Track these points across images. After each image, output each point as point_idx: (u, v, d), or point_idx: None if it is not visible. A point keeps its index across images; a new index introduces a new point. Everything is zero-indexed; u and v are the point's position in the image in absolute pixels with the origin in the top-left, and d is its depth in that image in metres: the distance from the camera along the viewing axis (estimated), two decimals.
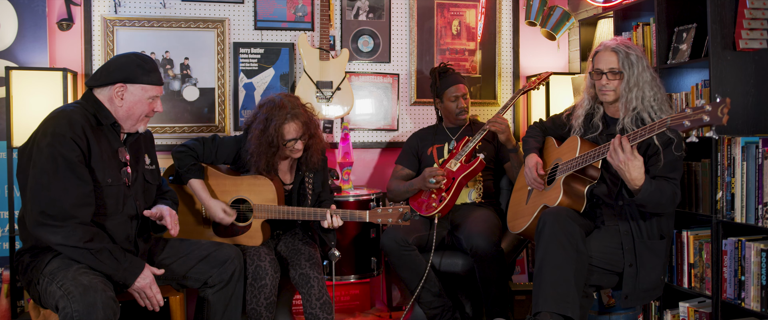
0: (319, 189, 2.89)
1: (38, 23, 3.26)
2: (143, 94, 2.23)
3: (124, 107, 2.22)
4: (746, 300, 2.36)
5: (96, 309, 1.92)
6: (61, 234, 2.02)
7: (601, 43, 2.50)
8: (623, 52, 2.40)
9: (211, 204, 2.67)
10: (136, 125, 2.28)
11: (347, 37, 3.68)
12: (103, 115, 2.20)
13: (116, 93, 2.20)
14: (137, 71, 2.21)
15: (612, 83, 2.42)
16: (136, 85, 2.21)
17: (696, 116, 1.92)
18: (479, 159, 3.00)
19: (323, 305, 2.59)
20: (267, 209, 2.69)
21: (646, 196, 2.20)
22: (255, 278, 2.53)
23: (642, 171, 2.16)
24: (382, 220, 2.63)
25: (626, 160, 2.13)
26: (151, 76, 2.24)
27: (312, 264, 2.63)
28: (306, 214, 2.68)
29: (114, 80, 2.20)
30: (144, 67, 2.23)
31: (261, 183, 2.71)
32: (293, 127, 2.66)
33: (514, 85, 3.91)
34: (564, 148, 2.58)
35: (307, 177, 2.85)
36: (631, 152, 2.13)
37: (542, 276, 2.24)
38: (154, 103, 2.28)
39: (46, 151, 2.05)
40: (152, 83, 2.24)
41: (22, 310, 3.10)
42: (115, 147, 2.23)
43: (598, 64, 2.45)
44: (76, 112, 2.14)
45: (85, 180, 2.08)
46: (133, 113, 2.24)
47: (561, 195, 2.42)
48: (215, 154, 2.78)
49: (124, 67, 2.21)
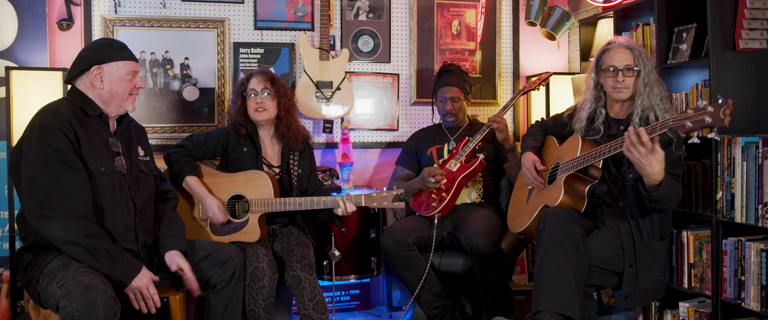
0: (306, 173, 2.92)
1: (38, 23, 3.26)
2: (120, 71, 2.25)
3: (106, 88, 2.23)
4: (746, 300, 2.36)
5: (97, 309, 1.92)
6: (60, 227, 2.02)
7: (609, 42, 2.47)
8: (637, 49, 2.40)
9: (207, 201, 2.70)
10: (122, 104, 2.28)
11: (347, 37, 3.68)
12: (89, 106, 2.22)
13: (95, 76, 2.22)
14: (107, 50, 2.25)
15: (628, 80, 2.39)
16: (110, 64, 2.24)
17: (698, 117, 1.91)
18: (479, 159, 3.00)
19: (316, 305, 2.59)
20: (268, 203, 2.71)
21: (664, 191, 2.15)
22: (253, 279, 2.53)
23: (663, 165, 2.10)
24: (377, 203, 2.68)
25: (648, 154, 2.06)
26: (122, 53, 2.27)
27: (303, 265, 2.64)
28: (312, 204, 2.71)
29: (88, 65, 2.22)
30: (112, 45, 2.28)
31: (256, 178, 2.74)
32: (256, 80, 2.84)
33: (514, 85, 3.91)
34: (565, 148, 2.58)
35: (292, 157, 2.90)
36: (651, 145, 2.05)
37: (542, 276, 2.24)
38: (135, 79, 2.30)
39: (35, 144, 2.06)
40: (125, 58, 2.27)
41: (22, 310, 3.10)
42: (105, 137, 2.24)
43: (611, 62, 2.41)
44: (61, 104, 2.16)
45: (78, 170, 2.08)
46: (117, 93, 2.25)
47: (562, 194, 2.41)
48: (205, 145, 2.83)
49: (94, 50, 2.25)
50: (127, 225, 2.24)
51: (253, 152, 2.85)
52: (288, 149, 2.90)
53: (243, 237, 2.71)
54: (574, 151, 2.46)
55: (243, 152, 2.84)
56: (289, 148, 2.90)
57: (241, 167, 2.81)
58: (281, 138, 2.89)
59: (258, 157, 2.84)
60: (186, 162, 2.73)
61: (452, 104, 3.21)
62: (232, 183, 2.76)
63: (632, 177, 2.34)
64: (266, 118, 2.83)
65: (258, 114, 2.81)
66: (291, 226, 2.92)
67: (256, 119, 2.83)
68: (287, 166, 2.90)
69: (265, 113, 2.82)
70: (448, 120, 3.27)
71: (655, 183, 2.14)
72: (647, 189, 2.18)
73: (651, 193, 2.17)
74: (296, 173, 2.90)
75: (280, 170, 2.89)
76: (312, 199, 2.71)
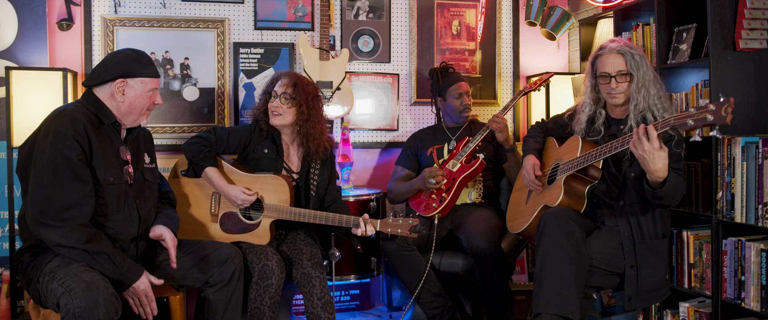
0: (324, 184, 2.86)
1: (38, 23, 3.26)
2: (143, 87, 2.26)
3: (127, 102, 2.24)
4: (746, 300, 2.36)
5: (98, 305, 1.92)
6: (59, 234, 2.02)
7: (601, 46, 2.46)
8: (628, 53, 2.37)
9: (230, 190, 2.65)
10: (138, 119, 2.30)
11: (347, 37, 3.68)
12: (104, 113, 2.21)
13: (117, 88, 2.22)
14: (135, 65, 2.24)
15: (621, 86, 2.39)
16: (135, 79, 2.24)
17: (700, 115, 1.92)
18: (479, 159, 3.00)
19: (325, 304, 2.59)
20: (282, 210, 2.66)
21: (669, 188, 2.15)
22: (261, 277, 2.52)
23: (666, 162, 2.11)
24: (392, 230, 2.62)
25: (652, 150, 2.07)
26: (148, 69, 2.28)
27: (314, 263, 2.63)
28: (328, 219, 2.64)
29: (114, 76, 2.22)
30: (141, 60, 2.27)
31: (275, 182, 2.69)
32: (283, 81, 2.78)
33: (514, 85, 3.91)
34: (565, 148, 2.58)
35: (313, 166, 2.83)
36: (657, 141, 2.07)
37: (543, 278, 2.23)
38: (154, 96, 2.31)
39: (47, 150, 2.05)
40: (151, 76, 2.28)
41: (22, 310, 3.10)
42: (117, 145, 2.24)
43: (604, 68, 2.41)
44: (78, 110, 2.15)
45: (85, 180, 2.08)
46: (136, 107, 2.26)
47: (562, 194, 2.42)
48: (227, 140, 2.79)
49: (122, 62, 2.24)
50: (130, 235, 2.24)
51: (274, 154, 2.79)
52: (310, 157, 2.82)
53: (252, 239, 2.69)
54: (574, 151, 2.46)
55: (263, 153, 2.79)
56: (311, 156, 2.81)
57: (260, 168, 2.78)
58: (302, 144, 2.81)
59: (279, 160, 2.79)
60: (208, 153, 2.71)
61: (467, 98, 3.25)
62: (250, 183, 2.71)
63: (634, 175, 2.34)
64: (280, 123, 2.75)
65: (273, 117, 2.75)
66: (299, 229, 2.90)
67: (272, 123, 2.77)
68: (307, 174, 2.83)
69: (279, 118, 2.74)
70: (464, 115, 3.26)
71: (659, 180, 2.14)
72: (652, 186, 2.19)
73: (656, 190, 2.18)
74: (315, 183, 2.83)
75: (299, 177, 2.83)
76: (329, 215, 2.65)
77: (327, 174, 2.87)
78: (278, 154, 2.79)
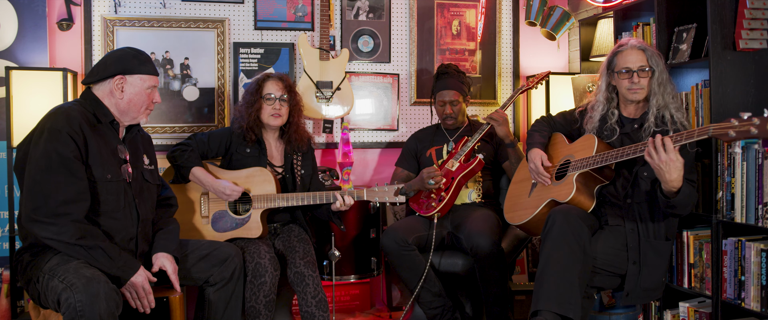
0: (309, 173, 2.96)
1: (38, 23, 3.26)
2: (142, 85, 2.27)
3: (125, 99, 2.25)
4: (746, 300, 2.36)
5: (99, 300, 1.92)
6: (52, 231, 2.02)
7: (620, 43, 2.49)
8: (649, 49, 2.42)
9: (218, 184, 2.72)
10: (137, 117, 2.30)
11: (347, 37, 3.68)
12: (102, 112, 2.22)
13: (116, 85, 2.23)
14: (134, 62, 2.26)
15: (643, 81, 2.41)
16: (134, 76, 2.25)
17: (743, 128, 1.93)
18: (478, 158, 3.00)
19: (319, 303, 2.60)
20: (270, 199, 2.75)
21: (682, 198, 2.18)
22: (254, 275, 2.53)
23: (681, 172, 2.13)
24: (379, 198, 2.76)
25: (668, 161, 2.10)
26: (147, 66, 2.29)
27: (306, 262, 2.65)
28: (314, 198, 2.75)
29: (113, 73, 2.23)
30: (139, 58, 2.28)
31: (259, 174, 2.78)
32: (274, 84, 2.87)
33: (514, 85, 3.91)
34: (577, 146, 2.57)
35: (296, 158, 2.93)
36: (674, 153, 2.09)
37: (546, 275, 2.22)
38: (153, 94, 2.32)
39: (41, 147, 2.06)
40: (149, 73, 2.29)
41: (22, 310, 3.10)
42: (114, 144, 2.24)
43: (625, 64, 2.43)
44: (74, 108, 2.16)
45: (79, 177, 2.08)
46: (134, 104, 2.26)
47: (574, 191, 2.40)
48: (208, 143, 2.87)
49: (121, 59, 2.25)
50: (128, 233, 2.24)
51: (257, 153, 2.87)
52: (291, 150, 2.93)
53: (245, 233, 2.72)
54: (589, 149, 2.45)
55: (246, 153, 2.87)
56: (293, 149, 2.93)
57: (245, 167, 2.84)
58: (287, 140, 2.93)
59: (262, 158, 2.87)
60: (191, 155, 2.76)
61: (451, 108, 3.21)
62: (235, 179, 2.78)
63: (647, 175, 2.35)
64: (280, 123, 2.88)
65: (273, 119, 2.85)
66: (292, 224, 2.93)
67: (271, 124, 2.87)
68: (291, 166, 2.92)
69: (280, 119, 2.87)
70: (447, 123, 3.27)
71: (673, 190, 2.16)
72: (666, 195, 2.20)
73: (669, 199, 2.20)
74: (300, 173, 2.93)
75: (283, 170, 2.91)
76: (313, 194, 2.75)
77: (310, 165, 2.98)
78: (261, 152, 2.87)
